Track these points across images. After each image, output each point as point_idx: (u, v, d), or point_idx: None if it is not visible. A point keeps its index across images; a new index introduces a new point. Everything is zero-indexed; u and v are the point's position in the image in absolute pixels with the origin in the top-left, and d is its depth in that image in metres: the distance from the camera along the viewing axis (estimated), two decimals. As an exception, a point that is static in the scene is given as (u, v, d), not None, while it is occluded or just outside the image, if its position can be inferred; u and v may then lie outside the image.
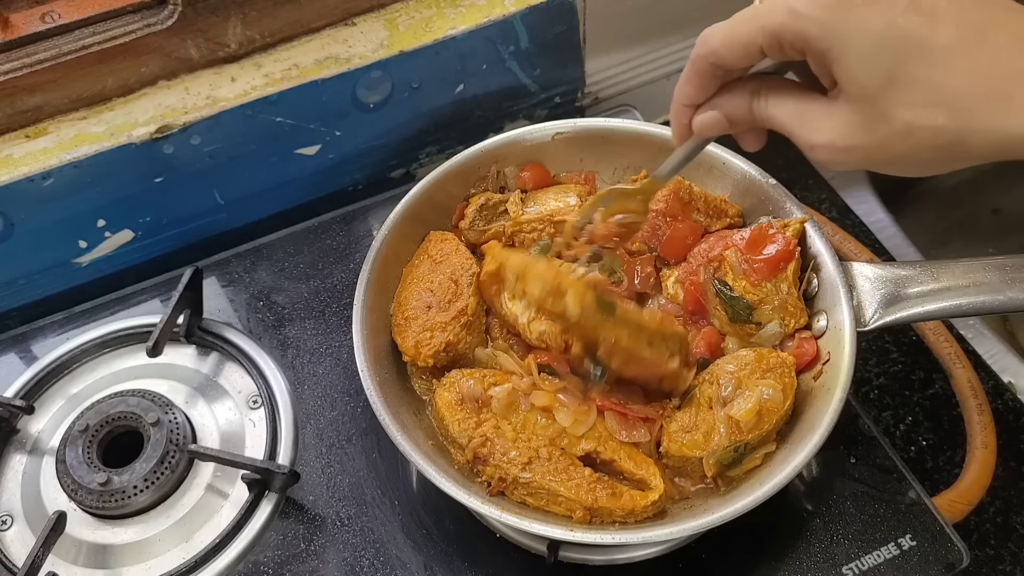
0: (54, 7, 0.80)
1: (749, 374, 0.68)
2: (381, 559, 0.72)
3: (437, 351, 0.71)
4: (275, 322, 0.86)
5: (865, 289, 0.70)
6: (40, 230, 0.85)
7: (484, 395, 0.69)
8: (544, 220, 0.79)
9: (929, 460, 0.85)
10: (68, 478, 0.73)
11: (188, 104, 0.85)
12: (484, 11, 0.90)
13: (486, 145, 0.82)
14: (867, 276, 0.70)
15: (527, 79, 0.97)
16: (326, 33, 0.89)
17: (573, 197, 0.80)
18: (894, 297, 0.68)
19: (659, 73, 1.08)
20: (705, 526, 0.62)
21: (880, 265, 0.71)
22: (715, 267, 0.73)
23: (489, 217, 0.80)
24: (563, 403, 0.68)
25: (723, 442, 0.65)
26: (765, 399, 0.66)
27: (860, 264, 0.71)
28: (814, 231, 0.73)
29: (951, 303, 0.67)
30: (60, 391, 0.82)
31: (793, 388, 0.68)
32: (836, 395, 0.65)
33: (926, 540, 0.72)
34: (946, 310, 0.67)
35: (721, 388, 0.68)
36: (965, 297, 0.66)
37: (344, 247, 0.91)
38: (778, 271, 0.72)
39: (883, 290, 0.69)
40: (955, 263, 0.68)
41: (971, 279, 0.67)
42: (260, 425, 0.79)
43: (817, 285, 0.73)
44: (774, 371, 0.68)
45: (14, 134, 0.83)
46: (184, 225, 0.93)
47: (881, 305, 0.69)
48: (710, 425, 0.67)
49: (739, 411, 0.66)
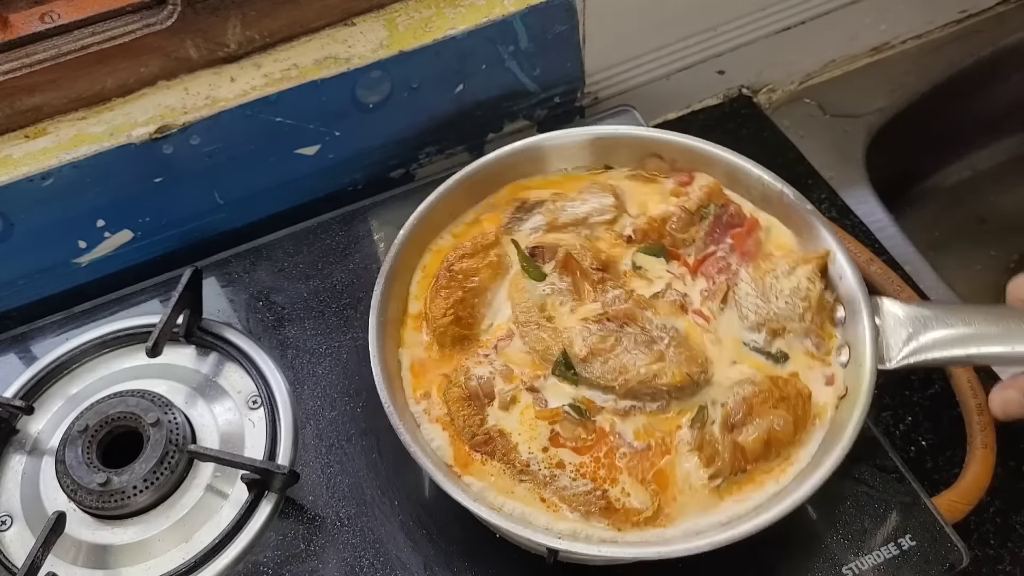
0: (53, 7, 0.80)
1: (762, 402, 0.67)
2: (381, 559, 0.72)
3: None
4: (275, 322, 0.86)
5: (892, 327, 0.68)
6: (39, 230, 0.85)
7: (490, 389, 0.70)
8: (580, 223, 0.79)
9: (929, 460, 0.85)
10: (68, 478, 0.73)
11: (187, 104, 0.85)
12: (484, 11, 0.90)
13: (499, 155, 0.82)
14: (896, 314, 0.68)
15: (527, 79, 0.97)
16: (325, 33, 0.89)
17: (609, 197, 0.80)
18: (922, 338, 0.67)
19: (659, 73, 1.08)
20: (706, 547, 0.62)
21: (911, 304, 0.69)
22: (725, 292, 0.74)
23: (520, 219, 0.80)
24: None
25: (725, 469, 0.65)
26: (776, 429, 0.66)
27: (890, 300, 0.70)
28: (846, 261, 0.72)
29: (980, 350, 0.65)
30: (60, 391, 0.82)
31: (806, 421, 0.67)
32: (848, 432, 0.64)
33: (926, 540, 0.72)
34: (973, 357, 0.66)
35: (731, 413, 0.67)
36: (995, 346, 0.65)
37: (344, 247, 0.91)
38: (751, 246, 0.73)
39: (911, 329, 0.67)
40: (988, 309, 0.67)
41: (1003, 327, 0.65)
42: (260, 425, 0.79)
43: (844, 317, 0.72)
44: (788, 401, 0.67)
45: (13, 134, 0.83)
46: (184, 225, 0.92)
47: (907, 344, 0.67)
48: (714, 449, 0.66)
49: (746, 438, 0.66)
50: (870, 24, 1.18)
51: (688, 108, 1.16)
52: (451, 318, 0.73)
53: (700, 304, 0.74)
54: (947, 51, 1.22)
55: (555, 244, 0.77)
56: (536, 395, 0.70)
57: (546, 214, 0.80)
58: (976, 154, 1.32)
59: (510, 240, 0.79)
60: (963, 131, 1.28)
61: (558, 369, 0.70)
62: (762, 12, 1.08)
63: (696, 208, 0.78)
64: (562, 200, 0.81)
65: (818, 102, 1.18)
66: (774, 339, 0.72)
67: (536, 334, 0.72)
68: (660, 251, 0.77)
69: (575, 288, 0.74)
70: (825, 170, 1.09)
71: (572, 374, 0.70)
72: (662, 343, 0.70)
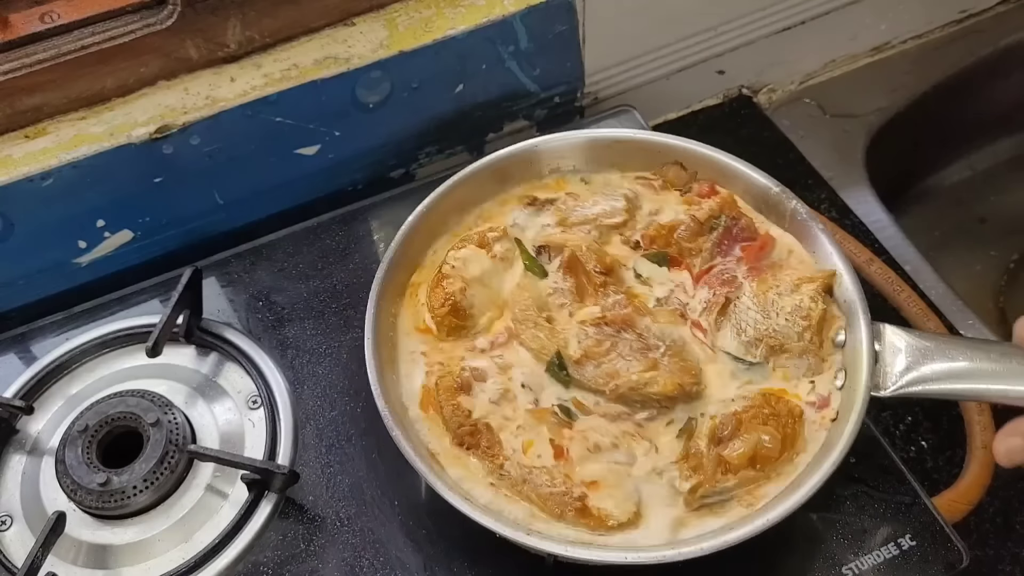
0: (53, 7, 0.80)
1: (752, 417, 0.67)
2: (381, 559, 0.72)
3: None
4: (275, 322, 0.86)
5: (892, 354, 0.67)
6: (40, 230, 0.85)
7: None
8: (589, 223, 0.79)
9: (929, 460, 0.85)
10: (67, 478, 0.73)
11: (188, 104, 0.85)
12: (484, 11, 0.90)
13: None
14: (896, 343, 0.67)
15: (527, 79, 0.97)
16: (325, 33, 0.89)
17: (620, 200, 0.80)
18: (921, 368, 0.66)
19: (659, 73, 1.08)
20: (696, 553, 0.62)
21: (913, 333, 0.68)
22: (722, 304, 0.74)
23: (530, 215, 0.81)
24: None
25: (708, 483, 0.65)
26: (763, 446, 0.66)
27: (892, 328, 0.68)
28: (852, 283, 0.72)
29: (978, 386, 0.64)
30: (59, 391, 0.82)
31: (795, 440, 0.67)
32: (832, 458, 0.64)
33: (926, 540, 0.72)
34: (971, 392, 0.65)
35: (720, 427, 0.67)
36: (996, 383, 0.63)
37: (344, 247, 0.91)
38: (762, 261, 0.73)
39: (911, 359, 0.66)
40: (993, 346, 0.65)
41: (1006, 366, 0.63)
42: (260, 425, 0.79)
43: (844, 339, 0.71)
44: (779, 419, 0.67)
45: (14, 134, 0.83)
46: (183, 225, 0.92)
47: (905, 374, 0.66)
48: (698, 461, 0.66)
49: (732, 453, 0.65)
50: (870, 24, 1.18)
51: (688, 108, 1.16)
52: (448, 308, 0.74)
53: (700, 315, 0.74)
54: (947, 51, 1.23)
55: (562, 243, 0.77)
56: (527, 392, 0.70)
57: (556, 212, 0.80)
58: (976, 154, 1.32)
59: (514, 237, 0.79)
60: (963, 131, 1.28)
61: (551, 369, 0.71)
62: (762, 12, 1.08)
63: (706, 218, 0.78)
64: (574, 199, 0.81)
65: (818, 102, 1.18)
66: (770, 356, 0.71)
67: (533, 332, 0.72)
68: (663, 259, 0.77)
69: (577, 289, 0.74)
70: (825, 170, 1.09)
71: (564, 375, 0.70)
72: (657, 351, 0.70)
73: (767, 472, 0.66)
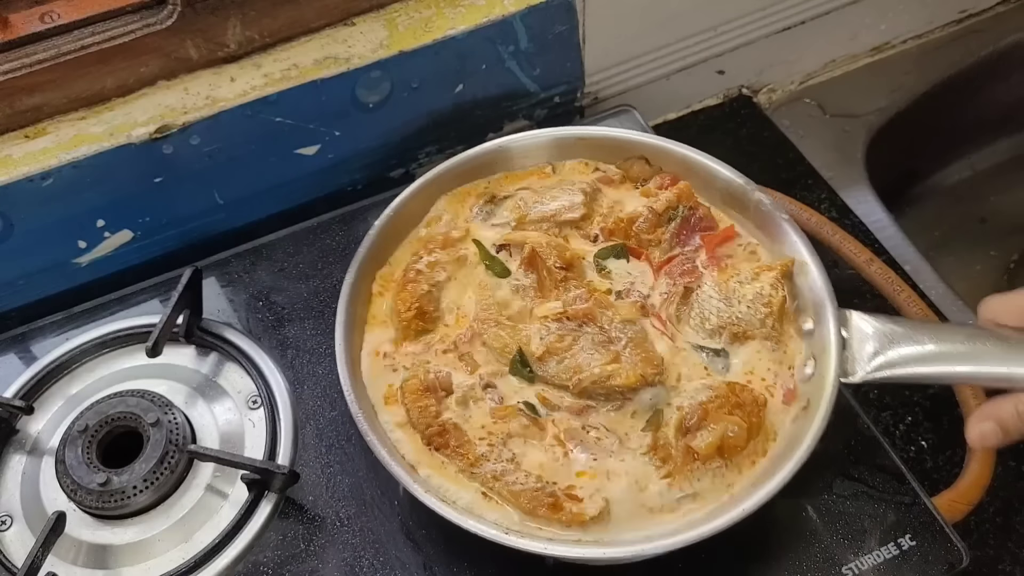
0: (53, 7, 0.80)
1: (718, 408, 0.67)
2: (381, 559, 0.72)
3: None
4: (275, 322, 0.86)
5: (859, 340, 0.67)
6: (39, 230, 0.85)
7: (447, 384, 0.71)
8: (548, 219, 0.79)
9: (929, 460, 0.85)
10: (67, 478, 0.73)
11: (187, 104, 0.85)
12: (483, 11, 0.90)
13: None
14: (864, 328, 0.68)
15: (526, 79, 0.97)
16: (325, 33, 0.89)
17: (579, 195, 0.80)
18: (889, 353, 0.66)
19: (659, 73, 1.08)
20: (684, 542, 0.62)
21: (881, 319, 0.68)
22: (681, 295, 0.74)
23: (489, 212, 0.81)
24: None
25: (679, 473, 0.66)
26: (729, 436, 0.66)
27: (859, 314, 0.69)
28: (818, 272, 0.72)
29: (947, 369, 0.64)
30: (59, 391, 0.82)
31: (760, 429, 0.67)
32: (804, 445, 0.64)
33: (926, 540, 0.72)
34: (941, 375, 0.65)
35: (686, 418, 0.67)
36: (963, 365, 0.64)
37: (344, 247, 0.91)
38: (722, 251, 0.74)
39: (878, 344, 0.66)
40: (960, 328, 0.66)
41: (973, 347, 0.63)
42: (260, 425, 0.79)
43: (812, 328, 0.71)
44: (744, 408, 0.67)
45: (13, 134, 0.83)
46: (183, 225, 0.92)
47: (873, 359, 0.66)
48: (667, 452, 0.67)
49: (700, 443, 0.66)
50: (870, 24, 1.18)
51: (688, 108, 1.16)
52: (414, 312, 0.74)
53: (661, 305, 0.75)
54: (947, 51, 1.23)
55: (522, 240, 0.77)
56: (493, 391, 0.70)
57: (514, 210, 0.80)
58: (976, 154, 1.32)
59: (472, 238, 0.79)
60: (963, 131, 1.28)
61: (514, 367, 0.71)
62: (762, 12, 1.08)
63: (664, 209, 0.78)
64: (531, 195, 0.81)
65: (818, 102, 1.18)
66: (734, 343, 0.72)
67: (495, 332, 0.72)
68: (620, 251, 0.78)
69: (539, 285, 0.74)
70: (825, 170, 1.09)
71: (528, 372, 0.71)
72: (619, 344, 0.70)
73: (737, 462, 0.67)
